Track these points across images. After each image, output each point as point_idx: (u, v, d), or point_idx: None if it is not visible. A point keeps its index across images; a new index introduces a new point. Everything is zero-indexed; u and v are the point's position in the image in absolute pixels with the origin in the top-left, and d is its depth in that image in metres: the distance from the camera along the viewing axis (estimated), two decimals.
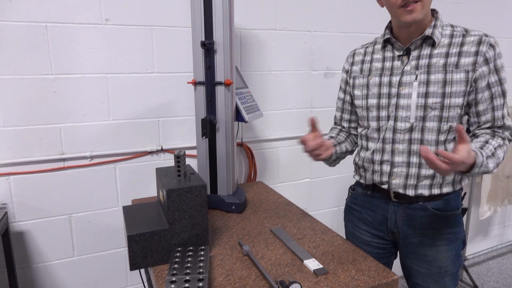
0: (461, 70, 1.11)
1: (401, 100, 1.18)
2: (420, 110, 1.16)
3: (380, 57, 1.25)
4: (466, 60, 1.11)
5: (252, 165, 1.98)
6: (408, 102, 1.17)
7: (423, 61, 1.16)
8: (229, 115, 1.45)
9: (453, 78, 1.12)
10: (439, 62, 1.14)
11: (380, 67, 1.24)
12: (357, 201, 1.39)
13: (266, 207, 1.55)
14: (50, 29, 1.52)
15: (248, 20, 1.85)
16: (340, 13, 2.03)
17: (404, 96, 1.18)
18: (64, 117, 1.60)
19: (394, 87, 1.20)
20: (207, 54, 1.39)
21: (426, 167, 1.18)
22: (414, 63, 1.17)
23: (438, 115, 1.14)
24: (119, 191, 1.75)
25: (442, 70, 1.13)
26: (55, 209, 1.66)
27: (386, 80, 1.22)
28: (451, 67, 1.12)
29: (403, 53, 1.19)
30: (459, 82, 1.11)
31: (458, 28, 1.17)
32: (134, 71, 1.68)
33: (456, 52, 1.13)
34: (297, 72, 2.01)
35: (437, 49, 1.15)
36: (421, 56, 1.16)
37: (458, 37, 1.14)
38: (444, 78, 1.12)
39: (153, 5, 1.66)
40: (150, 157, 1.78)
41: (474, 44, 1.11)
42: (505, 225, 3.01)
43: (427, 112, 1.15)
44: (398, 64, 1.20)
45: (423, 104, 1.15)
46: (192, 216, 1.12)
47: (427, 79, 1.14)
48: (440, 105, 1.13)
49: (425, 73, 1.15)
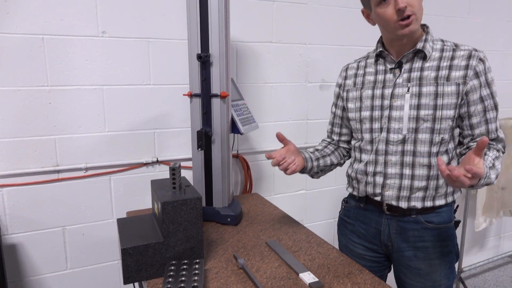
0: (452, 83, 1.13)
1: (394, 112, 1.20)
2: (413, 122, 1.17)
3: (372, 71, 1.27)
4: (457, 74, 1.13)
5: (248, 177, 1.98)
6: (400, 114, 1.18)
7: (414, 74, 1.17)
8: (225, 127, 1.45)
9: (445, 91, 1.13)
10: (430, 75, 1.15)
11: (373, 80, 1.26)
12: (350, 213, 1.39)
13: (261, 219, 1.54)
14: (46, 41, 1.53)
15: (244, 32, 1.87)
16: (336, 26, 2.05)
17: (396, 108, 1.19)
18: (59, 128, 1.60)
19: (386, 99, 1.21)
20: (203, 67, 1.40)
21: (419, 179, 1.19)
22: (406, 75, 1.19)
23: (430, 127, 1.16)
24: (114, 203, 1.74)
25: (434, 82, 1.14)
26: (48, 221, 1.64)
27: (378, 93, 1.23)
28: (442, 80, 1.14)
29: (395, 66, 1.21)
30: (450, 95, 1.13)
31: (448, 42, 1.19)
32: (131, 83, 1.68)
33: (447, 65, 1.14)
34: (293, 84, 2.02)
35: (428, 62, 1.17)
36: (413, 69, 1.18)
37: (449, 51, 1.16)
38: (436, 91, 1.14)
39: (150, 17, 1.67)
40: (145, 168, 1.77)
41: (464, 58, 1.13)
42: (501, 236, 3.02)
43: (419, 124, 1.16)
44: (390, 77, 1.22)
45: (415, 116, 1.16)
46: (187, 229, 1.11)
47: (419, 91, 1.16)
48: (432, 117, 1.15)
49: (417, 85, 1.16)
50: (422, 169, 1.18)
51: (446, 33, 2.35)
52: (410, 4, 1.07)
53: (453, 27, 2.38)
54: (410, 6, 1.07)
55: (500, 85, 2.61)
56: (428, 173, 1.18)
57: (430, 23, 2.29)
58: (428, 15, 2.26)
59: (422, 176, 1.19)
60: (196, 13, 1.38)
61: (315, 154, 1.38)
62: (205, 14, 1.37)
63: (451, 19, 2.36)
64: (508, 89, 2.65)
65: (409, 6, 1.07)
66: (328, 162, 1.39)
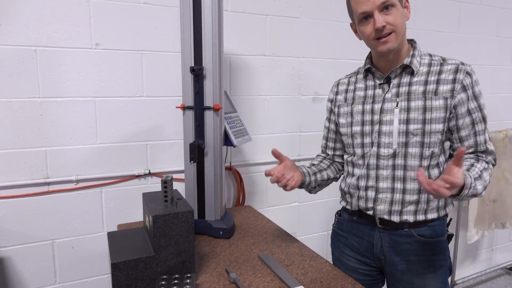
0: (440, 97, 1.14)
1: (384, 127, 1.21)
2: (402, 136, 1.18)
3: (362, 86, 1.28)
4: (444, 88, 1.14)
5: (241, 189, 1.97)
6: (390, 129, 1.19)
7: (403, 89, 1.19)
8: (218, 139, 1.45)
9: (433, 105, 1.15)
10: (418, 89, 1.17)
11: (363, 95, 1.27)
12: (343, 227, 1.39)
13: (254, 232, 1.53)
14: (39, 53, 1.53)
15: (238, 45, 1.88)
16: (328, 40, 2.08)
17: (386, 122, 1.20)
18: (50, 140, 1.59)
19: (376, 114, 1.22)
20: (196, 79, 1.40)
21: (411, 192, 1.19)
22: (394, 90, 1.20)
23: (419, 141, 1.17)
24: (105, 216, 1.72)
25: (422, 97, 1.16)
26: (37, 235, 1.61)
27: (368, 108, 1.24)
28: (430, 94, 1.15)
29: (384, 82, 1.22)
30: (438, 109, 1.14)
31: (436, 57, 1.21)
32: (123, 95, 1.68)
33: (434, 80, 1.16)
34: (286, 96, 2.03)
35: (416, 77, 1.18)
36: (401, 84, 1.20)
37: (436, 65, 1.18)
38: (424, 105, 1.15)
39: (144, 30, 1.68)
40: (137, 181, 1.76)
41: (451, 72, 1.15)
42: (493, 248, 3.02)
43: (409, 138, 1.17)
44: (379, 92, 1.23)
45: (405, 130, 1.17)
46: (178, 242, 1.10)
47: (408, 106, 1.17)
48: (421, 131, 1.16)
49: (405, 100, 1.18)
50: (413, 183, 1.19)
51: (436, 47, 2.39)
52: (390, 23, 1.10)
53: (443, 42, 2.42)
54: (389, 25, 1.10)
55: (489, 99, 2.65)
56: (419, 187, 1.19)
57: (420, 37, 2.33)
58: (419, 30, 2.30)
59: (413, 190, 1.19)
60: (189, 26, 1.39)
61: (312, 168, 1.38)
62: (198, 27, 1.38)
63: (441, 34, 2.40)
64: (498, 102, 2.69)
65: (388, 25, 1.10)
66: (325, 176, 1.40)
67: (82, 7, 1.57)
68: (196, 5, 1.37)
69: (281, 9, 1.94)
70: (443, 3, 2.36)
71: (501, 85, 2.70)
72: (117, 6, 1.62)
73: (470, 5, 2.46)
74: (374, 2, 1.10)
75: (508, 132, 2.53)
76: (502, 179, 2.53)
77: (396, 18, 1.11)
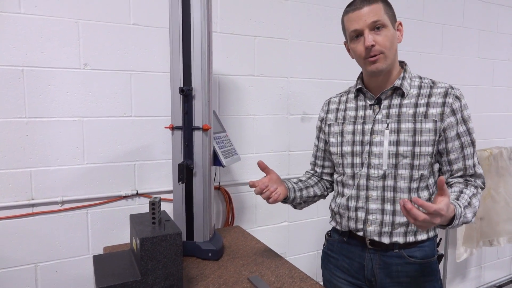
0: (429, 120, 1.16)
1: (374, 148, 1.21)
2: (392, 158, 1.19)
3: (353, 106, 1.30)
4: (434, 111, 1.16)
5: (230, 209, 1.96)
6: (380, 150, 1.20)
7: (393, 111, 1.20)
8: (207, 159, 1.44)
9: (422, 128, 1.16)
10: (408, 111, 1.18)
11: (354, 115, 1.28)
12: (333, 247, 1.38)
13: (243, 253, 1.51)
14: (26, 73, 1.51)
15: (227, 66, 1.90)
16: (316, 61, 2.11)
17: (376, 143, 1.21)
18: (35, 161, 1.56)
19: (367, 134, 1.23)
20: (185, 100, 1.41)
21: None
22: (385, 112, 1.22)
23: (409, 163, 1.17)
24: (90, 238, 1.68)
25: (412, 119, 1.17)
26: (20, 258, 1.56)
27: (359, 128, 1.25)
28: (420, 116, 1.17)
29: (375, 102, 1.24)
30: (428, 131, 1.16)
31: (426, 79, 1.23)
32: (112, 115, 1.67)
33: (424, 102, 1.18)
34: (275, 116, 2.05)
35: (407, 99, 1.20)
36: (392, 105, 1.21)
37: (426, 88, 1.20)
38: (414, 127, 1.17)
39: (133, 50, 1.68)
40: (124, 201, 1.73)
41: (441, 96, 1.17)
42: (482, 266, 3.03)
43: (398, 159, 1.18)
44: (370, 113, 1.24)
45: (395, 152, 1.18)
46: (166, 266, 1.08)
47: (398, 128, 1.18)
48: (411, 153, 1.17)
49: (395, 122, 1.19)
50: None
51: (421, 68, 2.44)
52: (379, 43, 1.13)
53: (427, 63, 2.48)
54: (378, 45, 1.13)
55: (472, 118, 2.70)
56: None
57: (406, 58, 2.38)
58: (404, 51, 2.36)
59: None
60: (179, 47, 1.40)
61: (298, 184, 1.38)
62: (187, 48, 1.39)
63: (426, 55, 2.47)
64: (481, 121, 2.76)
65: (377, 45, 1.13)
66: (311, 193, 1.39)
67: (71, 27, 1.57)
68: (186, 26, 1.38)
69: (269, 30, 1.97)
70: (427, 25, 2.44)
71: (483, 104, 2.76)
72: (106, 26, 1.63)
73: (452, 27, 2.55)
74: (365, 21, 1.12)
75: (493, 150, 2.58)
76: (488, 197, 2.57)
77: (385, 40, 1.13)
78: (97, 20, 1.61)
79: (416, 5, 2.39)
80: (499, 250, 3.08)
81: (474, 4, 2.62)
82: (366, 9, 1.13)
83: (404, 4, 2.34)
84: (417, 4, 2.39)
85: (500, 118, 2.86)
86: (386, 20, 1.14)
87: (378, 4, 1.13)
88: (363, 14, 1.13)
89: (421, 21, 2.42)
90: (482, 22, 2.67)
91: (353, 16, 1.15)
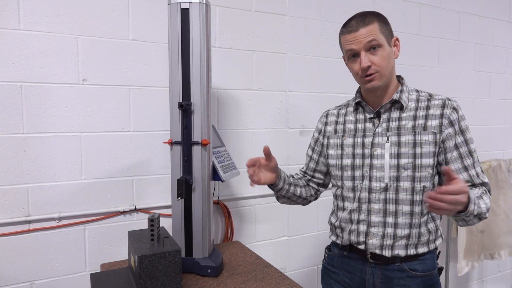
0: (428, 132, 1.17)
1: (375, 161, 1.21)
2: (394, 170, 1.19)
3: (352, 119, 1.30)
4: (433, 123, 1.17)
5: (229, 224, 1.94)
6: (381, 163, 1.20)
7: (393, 124, 1.21)
8: (206, 174, 1.43)
9: (422, 140, 1.17)
10: (408, 124, 1.19)
11: (353, 128, 1.28)
12: (333, 262, 1.36)
13: (243, 269, 1.49)
14: (24, 89, 1.51)
15: (225, 80, 1.90)
16: (314, 75, 2.12)
17: (377, 156, 1.21)
18: (33, 177, 1.54)
19: (367, 147, 1.23)
20: (184, 115, 1.40)
21: (402, 227, 1.19)
22: (384, 125, 1.22)
23: (411, 175, 1.17)
24: (88, 255, 1.65)
25: (412, 132, 1.18)
26: (15, 276, 1.54)
27: (359, 141, 1.25)
28: (419, 129, 1.18)
29: (374, 116, 1.24)
30: (428, 143, 1.16)
31: (423, 93, 1.24)
32: (110, 130, 1.66)
33: (423, 115, 1.19)
34: (274, 130, 2.05)
35: (405, 112, 1.21)
36: (391, 118, 1.22)
37: (424, 101, 1.21)
38: (414, 140, 1.17)
39: (132, 66, 1.69)
40: (122, 217, 1.71)
41: (438, 108, 1.18)
42: (483, 280, 3.00)
43: (400, 172, 1.18)
44: (370, 126, 1.25)
45: (396, 165, 1.18)
46: (165, 284, 1.06)
47: (398, 141, 1.19)
48: (412, 165, 1.17)
49: (396, 135, 1.20)
50: (405, 218, 1.19)
51: (418, 81, 2.46)
52: (375, 63, 1.15)
53: (424, 76, 2.50)
54: (374, 65, 1.15)
55: (471, 129, 2.71)
56: (410, 221, 1.19)
57: (403, 72, 2.39)
58: (401, 65, 2.38)
59: (404, 225, 1.19)
60: (178, 62, 1.40)
61: (289, 179, 1.38)
62: (187, 63, 1.40)
63: (422, 69, 2.48)
64: (479, 134, 2.76)
65: (373, 65, 1.15)
66: (297, 192, 1.39)
67: (70, 43, 1.57)
68: (185, 41, 1.39)
69: (267, 45, 1.99)
70: (423, 39, 2.46)
71: (481, 117, 2.78)
72: (105, 42, 1.63)
73: (449, 41, 2.57)
74: (361, 42, 1.14)
75: (492, 163, 2.58)
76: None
77: (381, 59, 1.15)
78: (96, 35, 1.62)
79: (413, 19, 2.42)
80: (500, 263, 3.05)
81: (470, 18, 2.65)
82: (362, 31, 1.14)
83: (401, 19, 2.36)
84: (414, 18, 2.42)
85: (498, 130, 2.86)
86: (382, 39, 1.15)
87: (373, 25, 1.15)
88: (359, 35, 1.14)
89: (418, 35, 2.44)
90: (478, 36, 2.70)
91: (349, 37, 1.17)
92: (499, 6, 2.78)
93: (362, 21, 1.15)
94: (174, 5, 1.39)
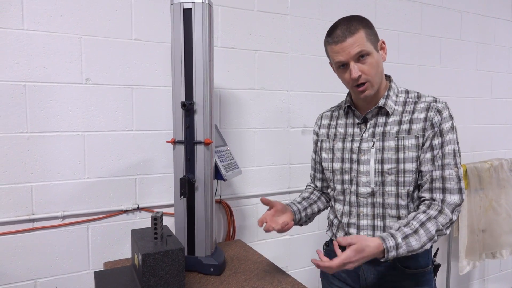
0: (412, 136, 1.16)
1: (361, 166, 1.23)
2: (378, 176, 1.20)
3: (343, 123, 1.32)
4: (417, 126, 1.16)
5: (231, 223, 1.94)
6: (367, 168, 1.22)
7: (378, 129, 1.22)
8: (208, 174, 1.44)
9: (405, 144, 1.16)
10: (393, 129, 1.19)
11: (343, 132, 1.30)
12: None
13: (245, 268, 1.50)
14: (28, 88, 1.52)
15: (228, 80, 1.91)
16: (316, 74, 2.13)
17: (363, 162, 1.23)
18: (36, 175, 1.55)
19: (355, 153, 1.25)
20: (187, 114, 1.41)
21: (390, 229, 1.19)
22: (371, 130, 1.23)
23: (395, 180, 1.18)
24: (91, 253, 1.66)
25: (395, 137, 1.18)
26: (19, 274, 1.55)
27: (348, 146, 1.27)
28: (403, 133, 1.17)
29: (361, 121, 1.25)
30: (410, 148, 1.16)
31: (412, 94, 1.23)
32: (113, 129, 1.67)
33: (408, 119, 1.18)
34: (275, 129, 2.05)
35: (391, 117, 1.21)
36: (377, 124, 1.23)
37: (411, 104, 1.20)
38: (397, 145, 1.17)
39: (135, 65, 1.70)
40: (125, 216, 1.72)
41: (423, 111, 1.17)
42: (485, 279, 3.01)
43: (384, 177, 1.19)
44: (357, 131, 1.26)
45: (380, 170, 1.19)
46: (168, 282, 1.07)
47: (382, 146, 1.20)
48: (396, 170, 1.17)
49: (380, 140, 1.20)
50: (392, 221, 1.20)
51: (420, 80, 2.46)
52: (365, 72, 1.14)
53: (426, 76, 2.50)
54: (364, 74, 1.14)
55: (472, 130, 2.72)
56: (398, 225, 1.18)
57: (404, 71, 2.41)
58: (403, 64, 2.38)
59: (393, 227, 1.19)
60: (180, 62, 1.41)
61: (302, 204, 1.39)
62: (189, 62, 1.40)
63: (424, 68, 2.49)
64: (480, 133, 2.76)
65: (363, 75, 1.14)
66: (315, 209, 1.41)
67: (73, 43, 1.58)
68: (187, 41, 1.40)
69: (269, 44, 1.99)
70: (425, 38, 2.46)
71: (483, 116, 2.78)
72: (108, 42, 1.64)
73: (450, 40, 2.57)
74: (349, 53, 1.12)
75: (493, 162, 2.58)
76: (490, 209, 2.56)
77: (370, 68, 1.14)
78: (99, 35, 1.63)
79: (414, 19, 2.42)
80: (501, 262, 3.05)
81: (472, 17, 2.65)
82: (350, 40, 1.12)
83: (403, 18, 2.36)
84: (415, 18, 2.42)
85: (499, 129, 2.86)
86: (369, 47, 1.14)
87: (359, 33, 1.12)
88: (347, 46, 1.12)
89: (419, 34, 2.44)
90: (480, 35, 2.70)
91: (336, 48, 1.14)
92: (501, 5, 2.78)
93: (348, 30, 1.12)
94: (176, 5, 1.39)
